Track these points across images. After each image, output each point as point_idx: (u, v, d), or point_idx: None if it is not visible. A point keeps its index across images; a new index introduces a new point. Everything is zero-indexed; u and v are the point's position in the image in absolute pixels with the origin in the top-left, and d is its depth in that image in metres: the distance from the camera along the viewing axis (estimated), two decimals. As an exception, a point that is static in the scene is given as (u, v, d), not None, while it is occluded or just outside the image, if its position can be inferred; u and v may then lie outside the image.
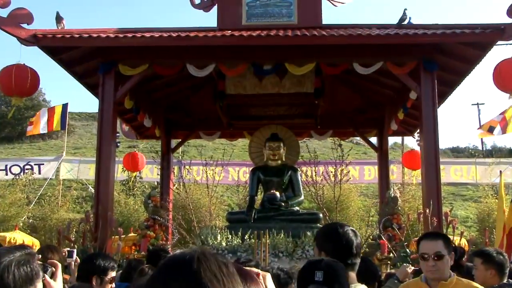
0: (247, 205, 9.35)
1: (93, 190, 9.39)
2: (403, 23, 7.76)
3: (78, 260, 3.65)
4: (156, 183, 10.49)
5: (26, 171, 17.74)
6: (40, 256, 2.08)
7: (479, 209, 16.21)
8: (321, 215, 8.95)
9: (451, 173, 17.77)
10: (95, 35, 7.18)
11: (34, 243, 11.79)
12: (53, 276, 1.79)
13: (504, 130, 13.82)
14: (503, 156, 25.80)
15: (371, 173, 17.66)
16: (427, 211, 6.87)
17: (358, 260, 2.38)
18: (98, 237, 6.90)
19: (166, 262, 1.14)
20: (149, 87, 9.44)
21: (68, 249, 3.70)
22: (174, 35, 7.23)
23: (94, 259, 3.16)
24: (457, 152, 35.94)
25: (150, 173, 17.34)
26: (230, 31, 7.38)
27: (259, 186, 9.62)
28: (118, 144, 8.64)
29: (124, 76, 7.66)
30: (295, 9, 7.97)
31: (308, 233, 7.83)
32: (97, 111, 7.65)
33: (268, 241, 6.98)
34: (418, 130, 8.77)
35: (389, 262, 7.14)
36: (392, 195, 8.34)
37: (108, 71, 7.56)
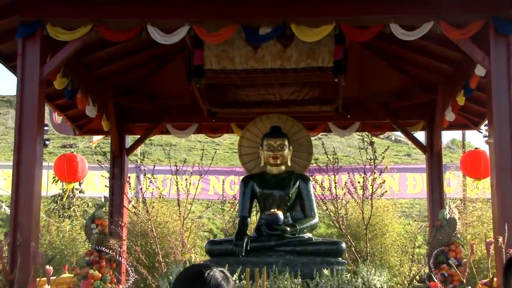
0: (236, 231, 9.33)
1: (8, 210, 9.32)
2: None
3: None
4: (103, 199, 10.45)
5: None
6: None
7: None
8: (343, 245, 8.92)
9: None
10: (9, -19, 7.12)
11: None
12: None
13: None
14: None
15: (416, 183, 17.67)
16: (500, 239, 6.83)
17: None
18: (15, 280, 6.83)
19: None
20: (93, 59, 9.38)
21: None
22: (128, -18, 7.20)
23: None
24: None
25: (95, 184, 17.27)
26: (210, -23, 7.36)
27: (253, 203, 9.60)
28: (47, 143, 8.58)
29: (55, 43, 7.60)
30: None
31: (326, 272, 7.82)
32: (15, 93, 7.56)
33: (266, 283, 6.95)
34: (486, 122, 8.75)
35: (444, 314, 7.12)
36: (448, 216, 8.31)
37: (30, 34, 7.49)
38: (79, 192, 17.84)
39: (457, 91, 9.18)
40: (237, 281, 7.63)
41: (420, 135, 11.55)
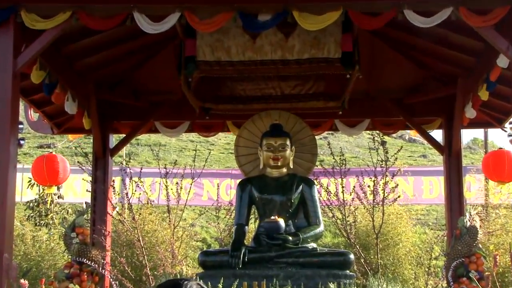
0: (232, 241, 9.34)
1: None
2: None
3: None
4: (84, 205, 10.39)
5: None
6: None
7: None
8: (352, 256, 8.94)
9: None
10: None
11: None
12: None
13: None
14: None
15: (433, 188, 17.65)
16: (526, 250, 6.82)
17: None
18: (-13, 295, 6.81)
19: None
20: (73, 49, 9.37)
21: None
22: (112, -37, 7.20)
23: None
24: None
25: (75, 188, 17.25)
26: (203, -43, 7.35)
27: (251, 209, 9.60)
28: (22, 142, 8.51)
29: (31, 32, 7.58)
30: None
31: (332, 286, 7.83)
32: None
33: (266, 299, 6.96)
34: (511, 119, 8.73)
35: (464, 333, 7.12)
36: (468, 224, 8.30)
37: (3, 22, 7.47)
38: (58, 197, 17.75)
39: (478, 85, 9.16)
40: (234, 297, 7.65)
41: (437, 134, 11.55)
